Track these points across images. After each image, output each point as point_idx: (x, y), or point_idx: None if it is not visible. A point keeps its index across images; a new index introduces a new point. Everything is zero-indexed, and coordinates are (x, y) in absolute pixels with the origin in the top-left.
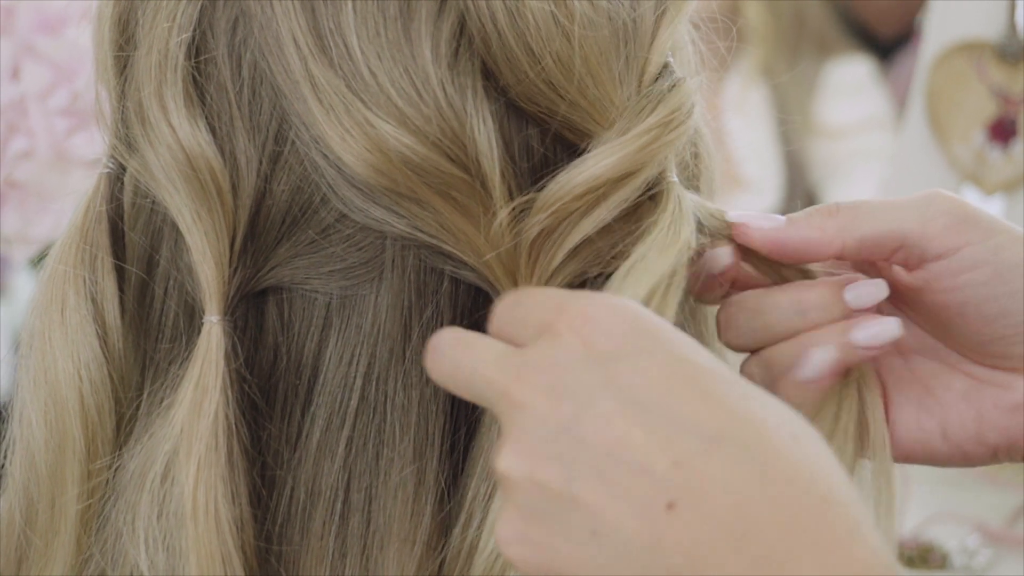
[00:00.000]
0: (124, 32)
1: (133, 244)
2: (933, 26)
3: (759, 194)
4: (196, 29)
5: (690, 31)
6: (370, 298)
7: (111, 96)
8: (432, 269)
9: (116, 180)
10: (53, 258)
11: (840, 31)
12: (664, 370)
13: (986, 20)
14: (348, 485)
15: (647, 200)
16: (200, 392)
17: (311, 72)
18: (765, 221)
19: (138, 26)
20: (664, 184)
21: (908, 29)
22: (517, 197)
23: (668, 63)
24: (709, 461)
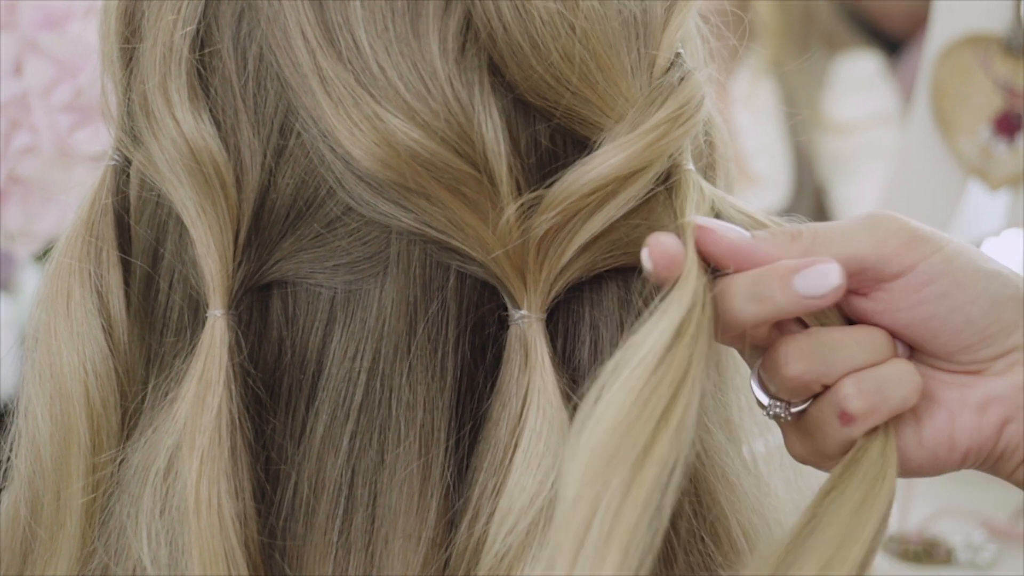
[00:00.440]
0: (130, 25)
1: (138, 237)
2: (938, 20)
3: (768, 189)
4: (201, 22)
5: (699, 25)
6: (374, 293)
7: (116, 89)
8: (438, 264)
9: (122, 173)
10: (59, 251)
11: (849, 26)
12: None
13: (992, 14)
14: (352, 480)
15: (662, 191)
16: (203, 386)
17: (320, 65)
18: (731, 232)
19: (144, 19)
20: (680, 173)
21: (916, 26)
22: (525, 192)
23: (678, 55)
24: None
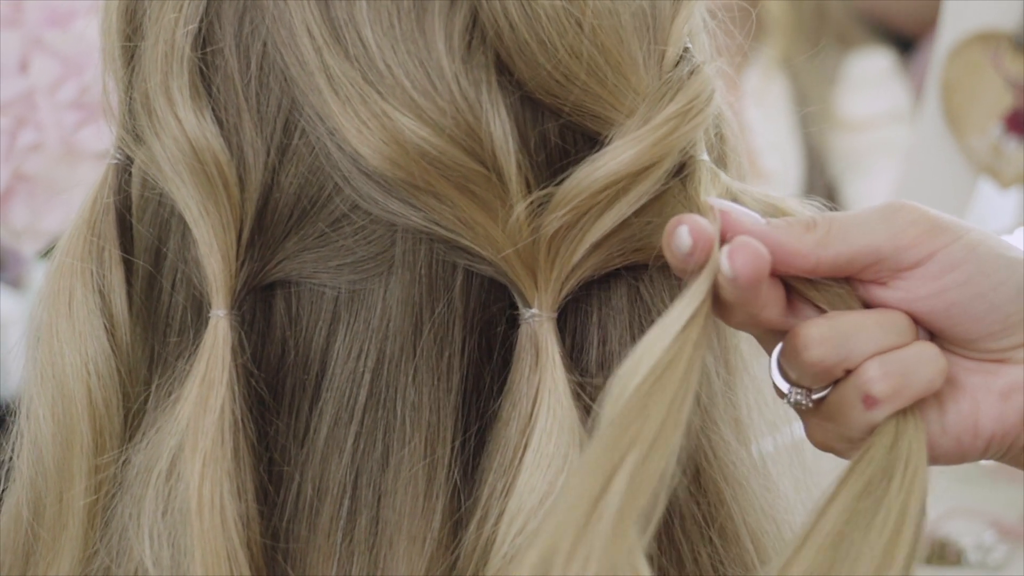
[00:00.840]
0: (132, 22)
1: (141, 236)
2: (949, 17)
3: (779, 186)
4: (203, 20)
5: (706, 19)
6: (379, 292)
7: (118, 87)
8: (445, 263)
9: (124, 172)
10: (60, 250)
11: (861, 24)
12: None
13: (1002, 11)
14: (356, 481)
15: (675, 184)
16: (206, 387)
17: (326, 63)
18: (747, 217)
19: (145, 16)
20: (694, 164)
21: (927, 24)
22: (535, 190)
23: (688, 49)
24: None
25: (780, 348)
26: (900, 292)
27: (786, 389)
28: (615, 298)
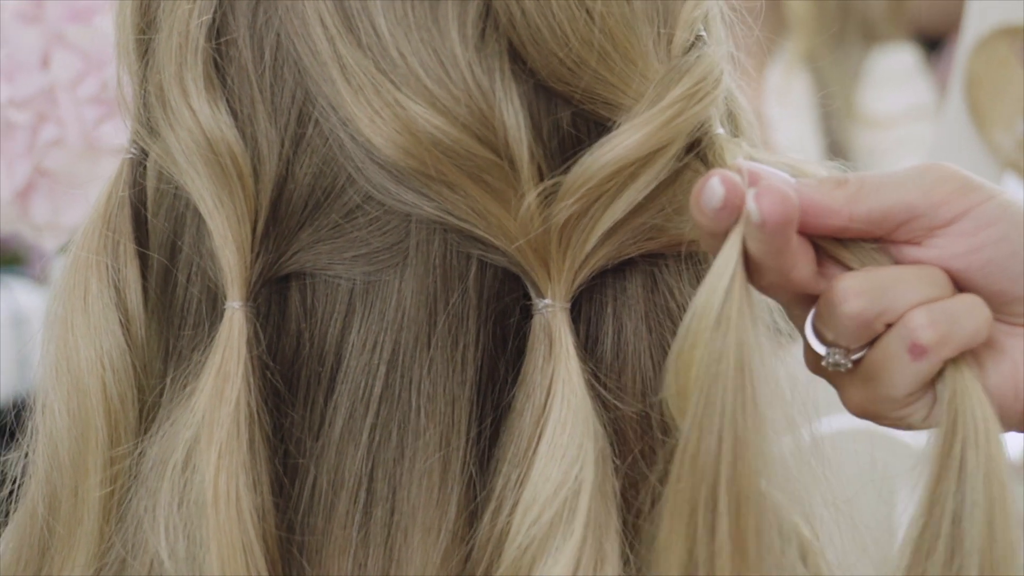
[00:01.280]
0: (146, 15)
1: (156, 230)
2: (974, 11)
3: None
4: (217, 11)
5: (723, 11)
6: (394, 283)
7: (133, 81)
8: (459, 254)
9: (139, 165)
10: (76, 244)
11: (888, 20)
12: None
13: None
14: (372, 474)
15: (693, 160)
16: (221, 379)
17: (339, 53)
18: (775, 177)
19: (159, 9)
20: (710, 138)
21: (953, 21)
22: (548, 179)
23: (700, 36)
24: None
25: (814, 311)
26: (935, 250)
27: (824, 351)
28: (631, 287)
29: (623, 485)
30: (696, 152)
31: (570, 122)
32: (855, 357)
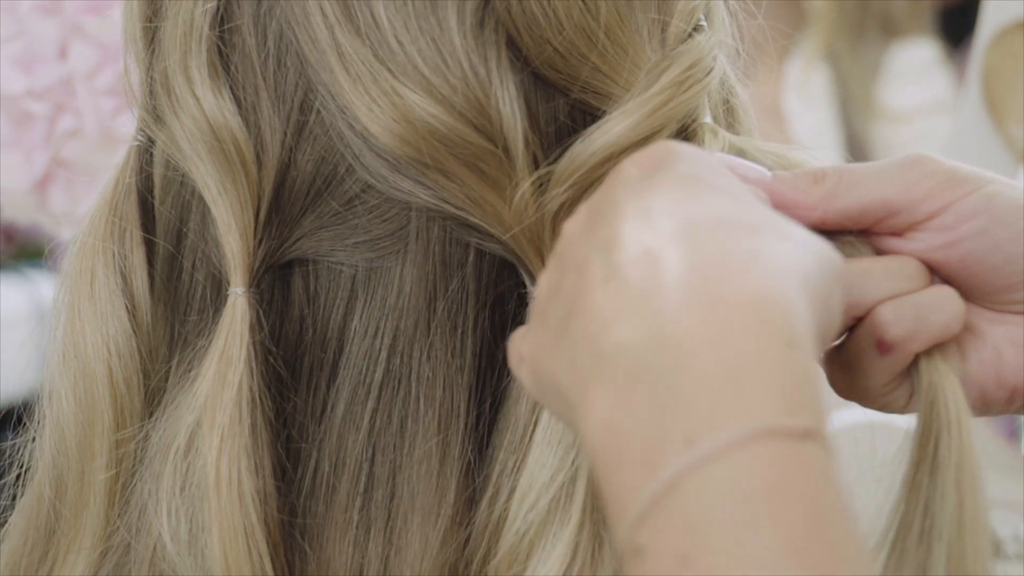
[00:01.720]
0: (153, 4)
1: (162, 217)
2: (990, 4)
3: None
4: None
5: (729, 3)
6: (395, 270)
7: (140, 69)
8: (457, 241)
9: (146, 153)
10: (83, 231)
11: (906, 14)
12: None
13: None
14: (373, 458)
15: None
16: (224, 364)
17: (338, 41)
18: (750, 170)
19: None
20: (696, 126)
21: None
22: (542, 168)
23: (700, 26)
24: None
25: None
26: (915, 243)
27: None
28: None
29: None
30: (682, 136)
31: (566, 112)
32: (833, 344)
